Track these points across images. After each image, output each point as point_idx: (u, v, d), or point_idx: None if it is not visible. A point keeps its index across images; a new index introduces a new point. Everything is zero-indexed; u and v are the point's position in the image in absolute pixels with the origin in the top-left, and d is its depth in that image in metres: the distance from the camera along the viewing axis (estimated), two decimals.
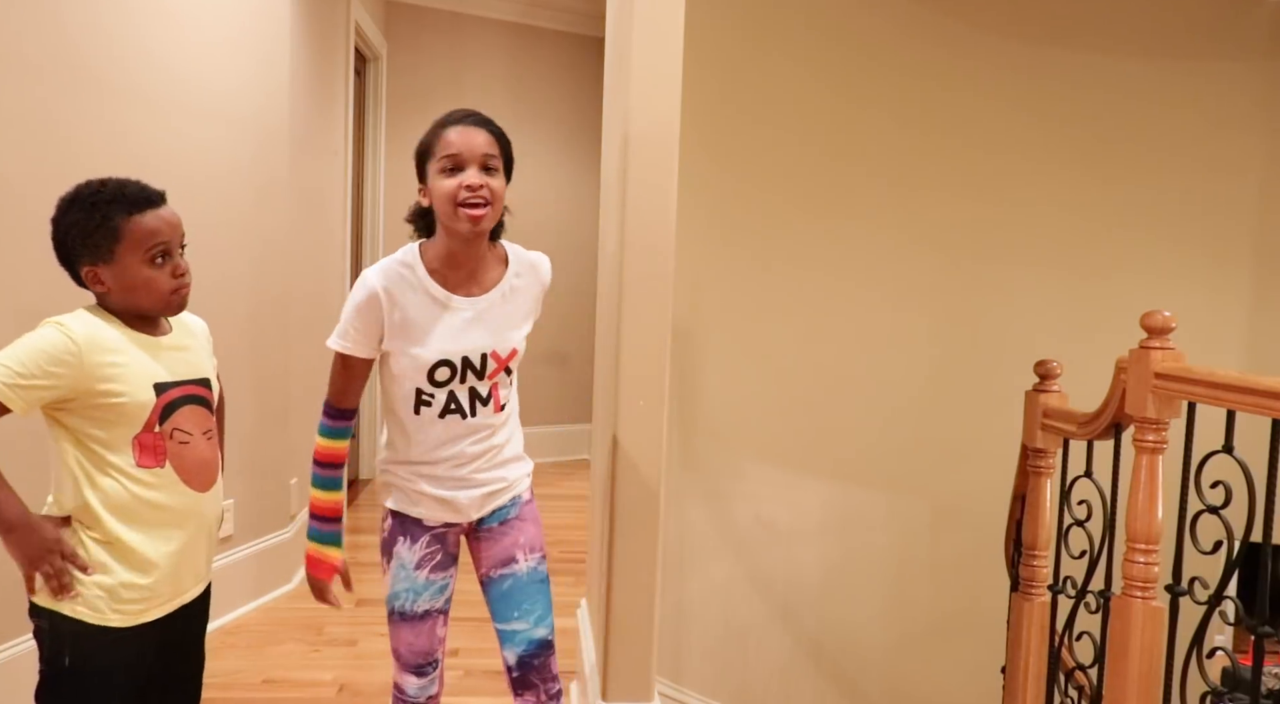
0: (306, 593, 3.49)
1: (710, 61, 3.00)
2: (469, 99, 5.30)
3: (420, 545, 1.63)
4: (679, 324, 2.18)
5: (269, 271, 3.21)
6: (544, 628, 1.67)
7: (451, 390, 1.57)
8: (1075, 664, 2.16)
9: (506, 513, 1.68)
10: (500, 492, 1.67)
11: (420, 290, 1.55)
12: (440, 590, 1.66)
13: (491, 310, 1.59)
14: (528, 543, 1.69)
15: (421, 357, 1.53)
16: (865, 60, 3.26)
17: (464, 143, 1.51)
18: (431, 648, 1.67)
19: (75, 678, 1.41)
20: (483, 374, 1.58)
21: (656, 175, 1.99)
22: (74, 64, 2.32)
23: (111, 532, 1.40)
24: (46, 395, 1.34)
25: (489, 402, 1.60)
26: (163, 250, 1.42)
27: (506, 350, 1.59)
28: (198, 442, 1.49)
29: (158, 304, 1.45)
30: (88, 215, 1.38)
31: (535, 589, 1.67)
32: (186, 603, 1.53)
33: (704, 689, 3.14)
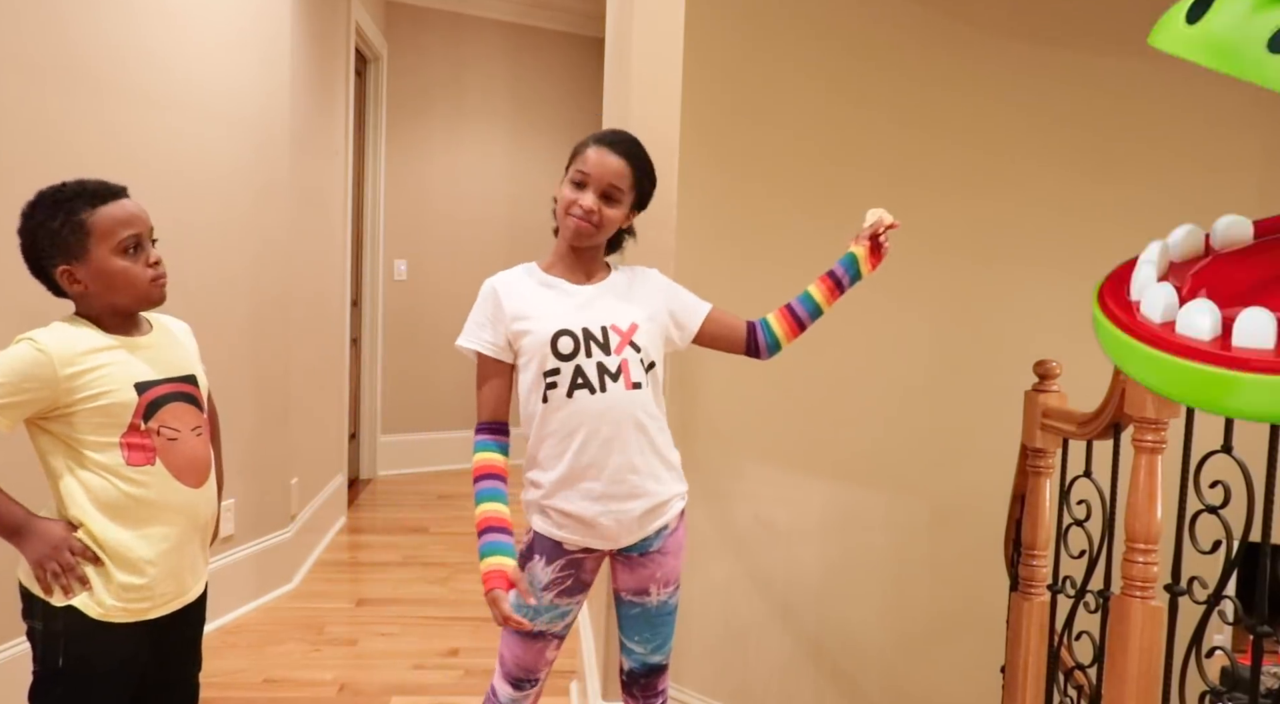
0: (307, 593, 3.51)
1: (710, 61, 3.00)
2: (469, 99, 5.31)
3: (554, 568, 1.61)
4: None
5: (269, 271, 3.21)
6: (659, 655, 1.72)
7: (578, 364, 1.54)
8: (1074, 664, 2.17)
9: (649, 545, 1.64)
10: (649, 514, 1.60)
11: (534, 280, 1.62)
12: (561, 616, 1.64)
13: (603, 295, 1.63)
14: (664, 577, 1.66)
15: (543, 328, 1.55)
16: (865, 60, 3.26)
17: (596, 164, 1.59)
18: (536, 666, 1.65)
19: (69, 679, 1.41)
20: (608, 348, 1.56)
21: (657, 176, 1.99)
22: (74, 64, 2.32)
23: (106, 532, 1.40)
24: (28, 410, 1.35)
25: (619, 377, 1.56)
26: (134, 240, 1.42)
27: (626, 323, 1.59)
28: (187, 438, 1.48)
29: (138, 296, 1.44)
30: (52, 215, 1.38)
31: (660, 621, 1.69)
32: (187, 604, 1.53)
33: (704, 689, 3.14)
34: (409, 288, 5.21)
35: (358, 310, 4.91)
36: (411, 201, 5.17)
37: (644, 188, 1.65)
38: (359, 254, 4.90)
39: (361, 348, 4.99)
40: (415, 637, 2.99)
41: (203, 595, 1.60)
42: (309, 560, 3.68)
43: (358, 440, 5.00)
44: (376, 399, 5.09)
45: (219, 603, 3.00)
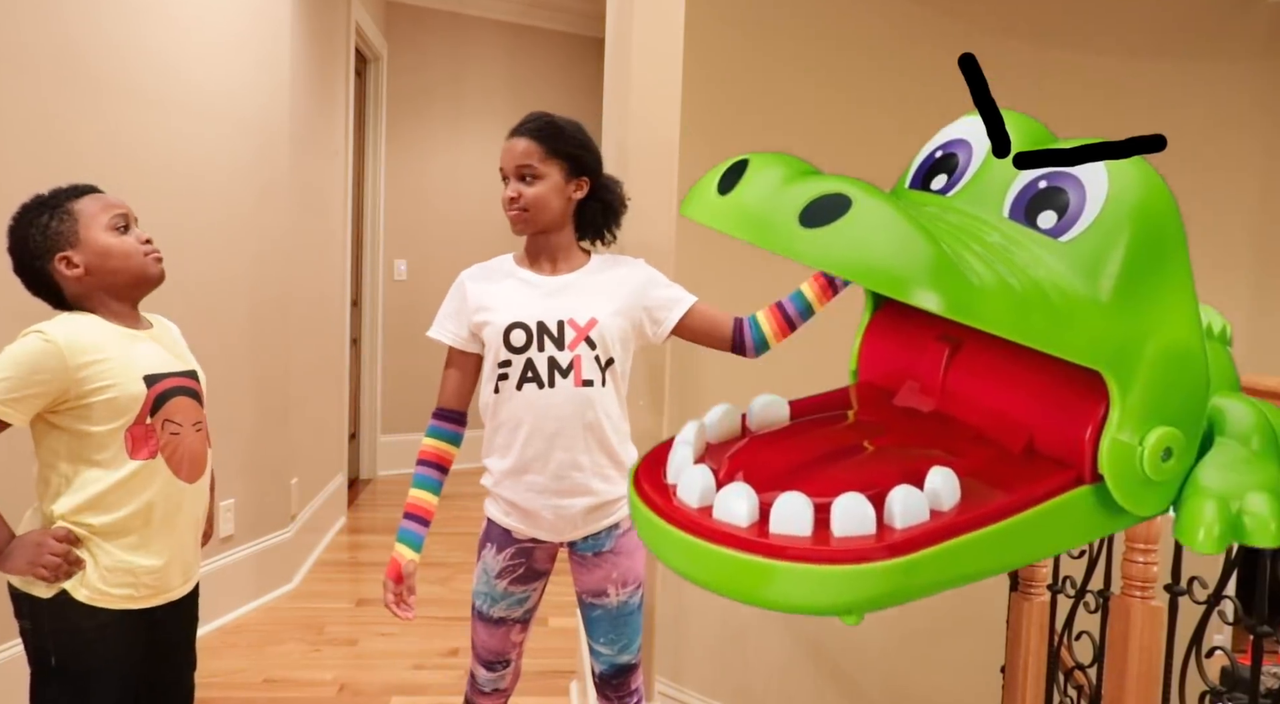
0: (307, 593, 3.51)
1: (710, 61, 3.00)
2: (469, 99, 5.31)
3: (504, 557, 1.64)
4: None
5: (269, 271, 3.21)
6: (627, 655, 1.72)
7: (529, 358, 1.56)
8: (1074, 664, 2.17)
9: (601, 545, 1.65)
10: (593, 511, 1.61)
11: (503, 273, 1.65)
12: (519, 602, 1.67)
13: (570, 286, 1.63)
14: (620, 578, 1.67)
15: (499, 320, 1.57)
16: (865, 60, 3.26)
17: (506, 157, 1.60)
18: (504, 649, 1.70)
19: (63, 678, 1.41)
20: (561, 343, 1.57)
21: (656, 176, 2.00)
22: (74, 64, 2.32)
23: (95, 521, 1.40)
24: (40, 402, 1.36)
25: (569, 373, 1.56)
26: (121, 220, 1.47)
27: (585, 318, 1.58)
28: (188, 433, 1.49)
29: (135, 270, 1.47)
30: (39, 214, 1.43)
31: (624, 621, 1.69)
32: (175, 601, 1.53)
33: (704, 689, 3.14)
34: (409, 288, 5.21)
35: (358, 310, 4.92)
36: (411, 201, 5.17)
37: (569, 154, 1.60)
38: (359, 254, 4.90)
39: (361, 348, 4.99)
40: (415, 637, 2.99)
41: (194, 594, 1.60)
42: (309, 560, 3.68)
43: (358, 440, 5.00)
44: (376, 399, 5.09)
45: (219, 603, 3.00)
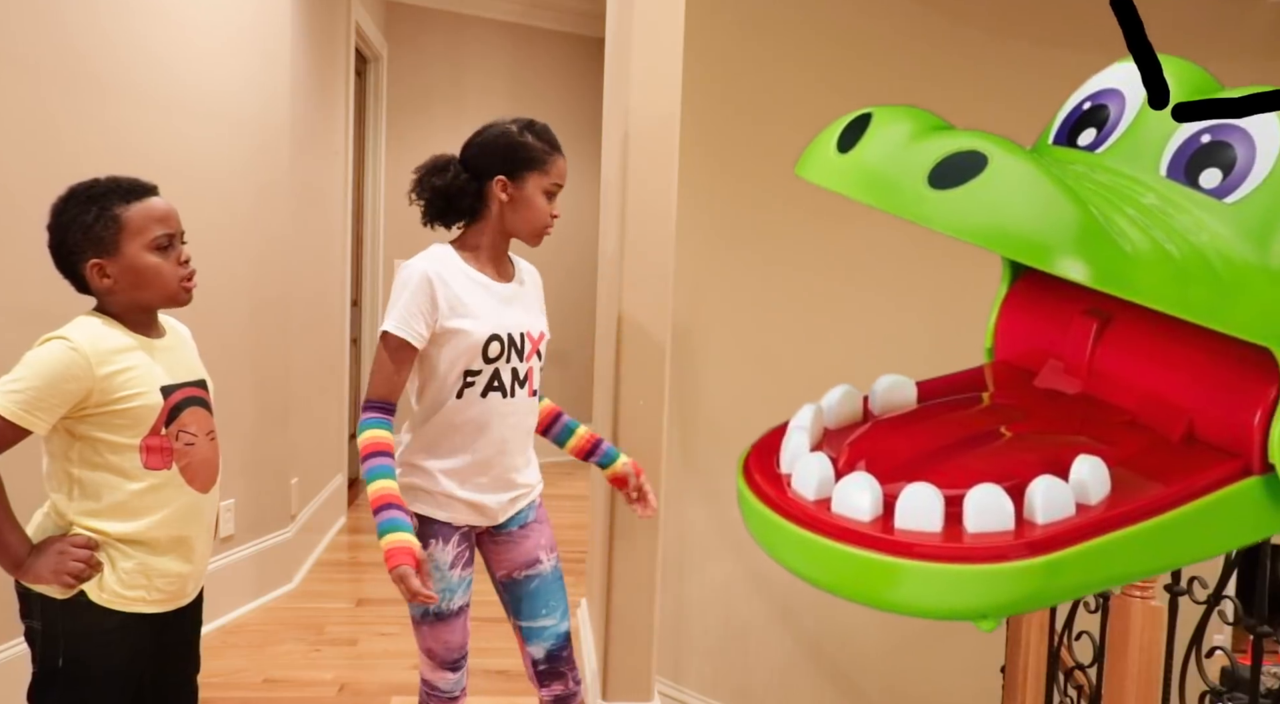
0: (307, 593, 3.51)
1: (710, 61, 3.00)
2: (469, 99, 5.31)
3: (452, 545, 1.65)
4: (679, 324, 2.18)
5: (269, 271, 3.21)
6: (567, 621, 1.75)
7: (497, 368, 1.60)
8: (1074, 664, 2.16)
9: (525, 517, 1.73)
10: (523, 496, 1.71)
11: (462, 273, 1.61)
12: (469, 586, 1.70)
13: (517, 296, 1.67)
14: (548, 543, 1.75)
15: (477, 331, 1.57)
16: (865, 60, 3.26)
17: (564, 175, 1.66)
18: (465, 642, 1.71)
19: (68, 679, 1.40)
20: (523, 354, 1.63)
21: (656, 175, 2.00)
22: (74, 64, 2.32)
23: (116, 531, 1.40)
24: (63, 410, 1.34)
25: (525, 383, 1.65)
26: (167, 239, 1.42)
27: (538, 332, 1.67)
28: (202, 443, 1.49)
29: (166, 295, 1.44)
30: (85, 209, 1.38)
31: (559, 586, 1.74)
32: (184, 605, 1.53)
33: (704, 689, 3.14)
34: None
35: (358, 310, 4.91)
36: (406, 201, 5.16)
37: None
38: (359, 254, 4.90)
39: (361, 348, 4.98)
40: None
41: (200, 597, 1.60)
42: (309, 560, 3.68)
43: (358, 440, 4.99)
44: None
45: (219, 603, 3.00)
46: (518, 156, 1.62)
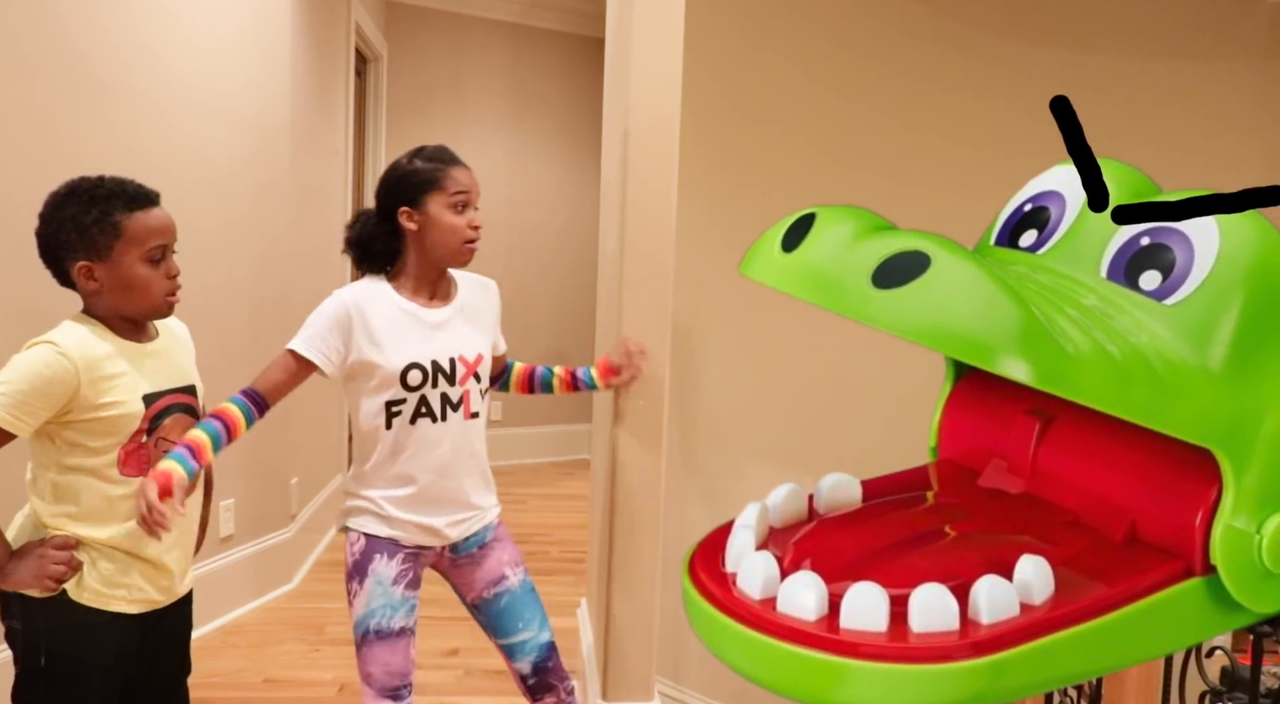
0: (307, 593, 3.51)
1: (710, 61, 3.00)
2: (469, 99, 5.31)
3: (396, 561, 1.65)
4: (679, 324, 2.18)
5: (269, 272, 3.21)
6: (547, 631, 1.75)
7: (423, 394, 1.62)
8: None
9: (483, 538, 1.74)
10: (470, 521, 1.71)
11: (389, 303, 1.64)
12: (412, 609, 1.68)
13: (454, 319, 1.68)
14: (511, 559, 1.76)
15: (392, 362, 1.60)
16: (865, 60, 3.26)
17: (470, 183, 1.67)
18: (407, 668, 1.67)
19: (51, 679, 1.39)
20: (453, 379, 1.64)
21: (656, 175, 2.00)
22: (74, 64, 2.32)
23: (88, 535, 1.39)
24: (47, 414, 1.34)
25: (459, 407, 1.66)
26: (161, 251, 1.42)
27: (473, 355, 1.68)
28: None
29: (151, 307, 1.43)
30: (85, 209, 1.36)
31: (530, 598, 1.76)
32: (168, 605, 1.51)
33: (704, 689, 3.14)
34: None
35: None
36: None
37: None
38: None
39: None
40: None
41: (188, 599, 1.58)
42: (309, 560, 3.68)
43: None
44: None
45: (219, 603, 3.00)
46: (409, 184, 1.65)
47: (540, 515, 4.29)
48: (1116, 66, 3.39)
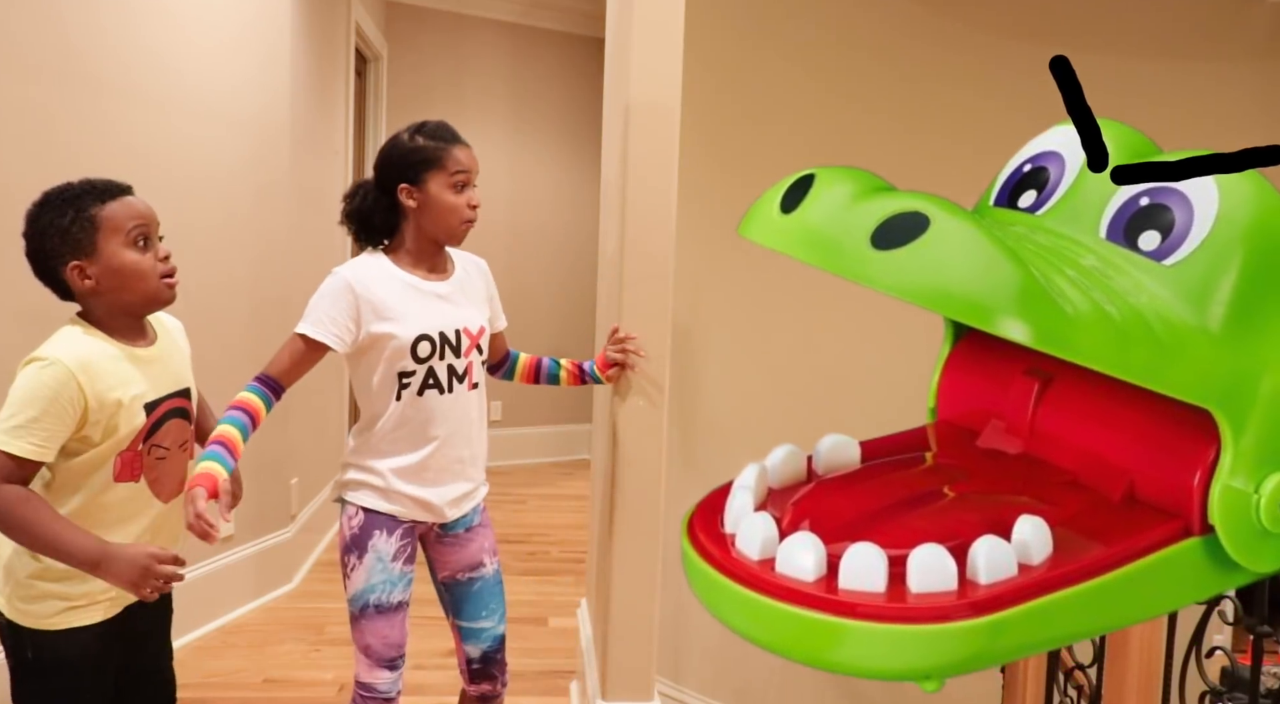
0: (307, 593, 3.52)
1: (711, 61, 3.00)
2: (469, 99, 5.31)
3: (395, 537, 1.70)
4: (679, 324, 2.18)
5: (269, 272, 3.21)
6: (504, 624, 1.84)
7: (431, 366, 1.65)
8: (1074, 663, 2.16)
9: (471, 520, 1.79)
10: (470, 494, 1.76)
11: (390, 277, 1.67)
12: (409, 583, 1.74)
13: (455, 291, 1.72)
14: (490, 547, 1.82)
15: (402, 334, 1.62)
16: (865, 60, 3.26)
17: (470, 163, 1.68)
18: (403, 640, 1.74)
19: (40, 670, 1.40)
20: (459, 351, 1.68)
21: (656, 175, 2.00)
22: (74, 64, 2.32)
23: None
24: (67, 434, 1.33)
25: (464, 378, 1.70)
26: (142, 233, 1.41)
27: (476, 327, 1.72)
28: (174, 455, 1.48)
29: (150, 292, 1.43)
30: (61, 213, 1.37)
31: (499, 589, 1.83)
32: None
33: (704, 689, 3.14)
34: None
35: None
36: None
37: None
38: (359, 254, 4.90)
39: None
40: (415, 637, 2.97)
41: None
42: (309, 560, 3.68)
43: None
44: None
45: (219, 603, 3.00)
46: (411, 161, 1.66)
47: (540, 515, 4.29)
48: (1116, 66, 3.39)
